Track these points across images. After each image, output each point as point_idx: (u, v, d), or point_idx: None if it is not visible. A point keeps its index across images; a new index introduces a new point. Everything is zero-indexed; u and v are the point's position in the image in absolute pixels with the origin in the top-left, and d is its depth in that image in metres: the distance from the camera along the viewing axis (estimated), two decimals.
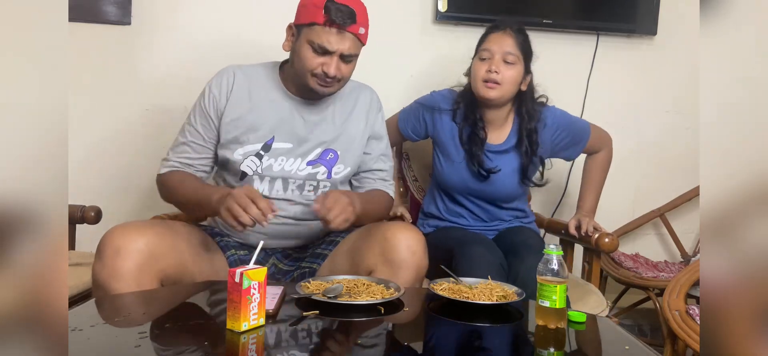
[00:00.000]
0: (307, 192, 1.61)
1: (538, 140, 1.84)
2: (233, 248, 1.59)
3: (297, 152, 1.58)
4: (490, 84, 1.75)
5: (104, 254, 1.32)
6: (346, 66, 1.53)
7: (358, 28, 1.50)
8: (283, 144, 1.57)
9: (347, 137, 1.64)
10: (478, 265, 1.58)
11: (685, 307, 1.63)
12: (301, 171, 1.59)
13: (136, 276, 1.31)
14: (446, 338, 1.22)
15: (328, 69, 1.49)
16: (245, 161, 1.56)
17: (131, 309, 1.24)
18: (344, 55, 1.50)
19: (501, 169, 1.83)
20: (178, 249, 1.43)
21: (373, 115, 1.70)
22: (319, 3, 1.46)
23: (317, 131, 1.61)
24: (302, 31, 1.51)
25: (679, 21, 2.44)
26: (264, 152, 1.56)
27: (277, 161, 1.57)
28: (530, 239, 1.79)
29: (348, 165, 1.64)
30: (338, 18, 1.45)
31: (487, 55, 1.77)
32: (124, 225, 1.38)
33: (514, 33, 1.77)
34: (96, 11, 2.16)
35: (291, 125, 1.59)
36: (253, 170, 1.56)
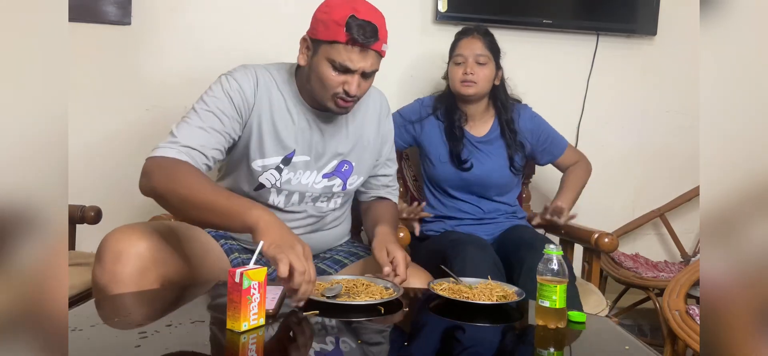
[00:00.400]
0: (320, 204, 1.59)
1: (516, 129, 2.01)
2: (237, 251, 1.57)
3: (314, 166, 1.55)
4: (466, 84, 1.93)
5: (104, 259, 1.28)
6: (366, 82, 1.47)
7: (381, 45, 1.43)
8: (301, 157, 1.53)
9: (361, 146, 1.62)
10: (472, 264, 1.59)
11: (685, 307, 1.63)
12: (317, 184, 1.56)
13: (138, 281, 1.28)
14: (446, 338, 1.22)
15: (350, 88, 1.42)
16: (265, 174, 1.50)
17: (131, 310, 1.24)
18: (365, 72, 1.43)
19: (474, 161, 1.96)
20: (181, 253, 1.40)
21: (384, 120, 1.68)
22: (340, 20, 1.37)
23: (333, 142, 1.57)
24: (320, 47, 1.42)
25: (679, 21, 2.45)
26: (284, 166, 1.51)
27: (295, 175, 1.53)
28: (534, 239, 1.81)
29: (362, 175, 1.63)
30: (361, 37, 1.37)
31: (461, 60, 1.95)
32: (125, 228, 1.34)
33: (481, 36, 1.95)
34: (96, 11, 2.16)
35: (309, 138, 1.53)
36: (272, 184, 1.52)
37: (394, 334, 1.21)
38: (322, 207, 1.60)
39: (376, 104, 1.66)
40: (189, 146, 1.38)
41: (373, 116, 1.65)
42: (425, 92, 2.22)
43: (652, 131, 2.53)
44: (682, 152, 2.52)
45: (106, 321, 1.19)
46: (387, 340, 1.18)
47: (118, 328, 1.15)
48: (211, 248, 1.53)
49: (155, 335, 1.08)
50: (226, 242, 1.57)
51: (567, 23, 2.41)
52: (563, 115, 2.40)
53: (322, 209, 1.60)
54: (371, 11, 1.42)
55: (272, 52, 1.84)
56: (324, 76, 1.42)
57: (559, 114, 2.28)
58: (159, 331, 1.11)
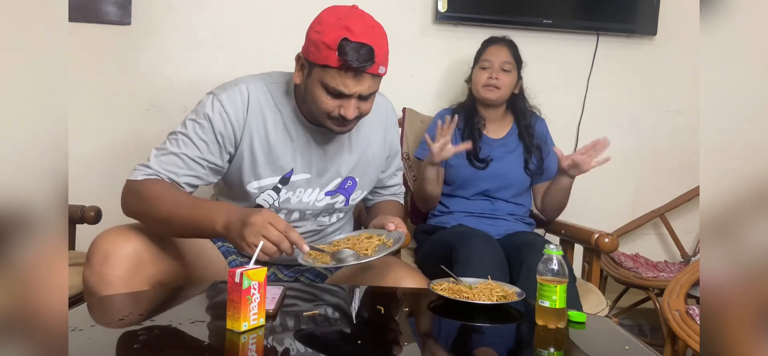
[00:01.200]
0: (322, 219, 1.57)
1: (533, 133, 2.06)
2: (234, 253, 1.56)
3: (316, 183, 1.50)
4: (489, 88, 1.99)
5: (93, 261, 1.28)
6: (366, 103, 1.38)
7: (378, 68, 1.33)
8: (301, 176, 1.48)
9: (365, 161, 1.56)
10: (478, 258, 1.60)
11: (685, 307, 1.63)
12: (319, 202, 1.52)
13: (126, 282, 1.27)
14: (446, 338, 1.22)
15: (346, 113, 1.35)
16: (262, 195, 1.46)
17: (131, 310, 1.24)
18: (363, 96, 1.36)
19: (492, 159, 1.98)
20: (170, 254, 1.37)
21: (391, 131, 1.62)
22: (332, 43, 1.28)
23: (335, 161, 1.51)
24: (314, 70, 1.34)
25: (679, 21, 2.45)
26: (282, 185, 1.47)
27: (295, 194, 1.48)
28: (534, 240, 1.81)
29: (365, 189, 1.60)
30: (355, 61, 1.28)
31: (487, 65, 2.01)
32: (113, 230, 1.32)
33: (507, 45, 2.05)
34: (96, 11, 2.16)
35: (308, 156, 1.48)
36: (270, 204, 1.47)
37: (394, 334, 1.21)
38: (324, 222, 1.58)
39: (382, 113, 1.59)
40: (158, 173, 1.37)
41: (378, 126, 1.58)
42: (424, 92, 2.22)
43: (652, 131, 2.53)
44: (682, 152, 2.52)
45: (106, 322, 1.18)
46: (387, 340, 1.18)
47: (118, 328, 1.15)
48: (204, 248, 1.51)
49: (155, 335, 1.08)
50: (223, 244, 1.56)
51: (567, 23, 2.41)
52: (563, 115, 2.40)
53: (324, 224, 1.58)
54: (367, 30, 1.30)
55: (272, 52, 1.84)
56: (318, 99, 1.35)
57: (559, 114, 2.28)
58: (159, 331, 1.11)
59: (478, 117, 2.05)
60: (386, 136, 1.61)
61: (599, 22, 2.41)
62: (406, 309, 1.29)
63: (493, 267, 1.57)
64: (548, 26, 2.37)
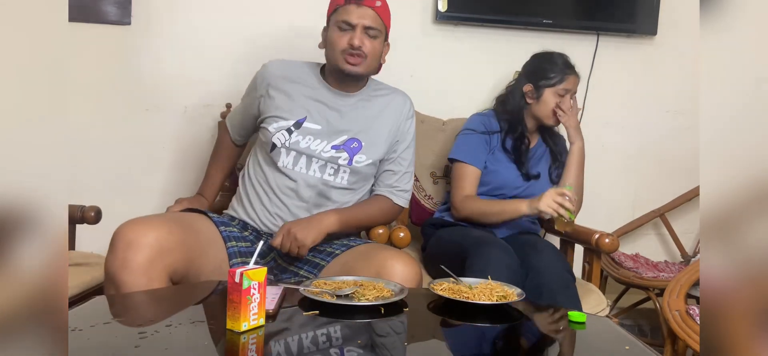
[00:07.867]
0: (327, 176, 1.67)
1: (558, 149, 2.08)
2: (234, 239, 1.60)
3: (324, 135, 1.67)
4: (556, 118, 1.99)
5: (117, 247, 1.36)
6: (370, 41, 1.64)
7: (375, 1, 1.64)
8: (313, 125, 1.67)
9: (374, 131, 1.71)
10: (495, 267, 1.57)
11: (685, 307, 1.63)
12: (325, 153, 1.66)
13: (146, 269, 1.34)
14: (446, 338, 1.22)
15: (354, 40, 1.61)
16: (276, 134, 1.66)
17: (131, 309, 1.24)
18: (368, 29, 1.62)
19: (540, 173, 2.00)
20: (186, 245, 1.45)
21: (403, 120, 1.77)
22: None
23: (346, 119, 1.70)
24: (330, 21, 1.68)
25: (679, 21, 2.44)
26: (294, 129, 1.66)
27: (304, 139, 1.66)
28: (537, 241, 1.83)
29: (370, 157, 1.70)
30: None
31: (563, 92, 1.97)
32: (137, 220, 1.41)
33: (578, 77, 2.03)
34: (96, 11, 2.16)
35: (324, 111, 1.69)
36: (282, 143, 1.66)
37: (394, 334, 1.21)
38: (329, 181, 1.66)
39: (398, 103, 1.78)
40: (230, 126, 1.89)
41: (392, 111, 1.76)
42: (424, 92, 2.22)
43: (652, 131, 2.52)
44: (682, 152, 2.52)
45: (106, 321, 1.19)
46: (387, 340, 1.18)
47: (118, 328, 1.15)
48: (214, 239, 1.57)
49: (155, 335, 1.08)
50: (225, 229, 1.61)
51: (567, 23, 2.40)
52: None
53: (328, 183, 1.66)
54: None
55: (272, 52, 1.84)
56: (333, 39, 1.65)
57: None
58: (159, 331, 1.11)
59: (523, 126, 2.02)
60: (398, 121, 1.77)
61: (599, 22, 2.41)
62: (407, 309, 1.29)
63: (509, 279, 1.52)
64: (548, 26, 2.37)
